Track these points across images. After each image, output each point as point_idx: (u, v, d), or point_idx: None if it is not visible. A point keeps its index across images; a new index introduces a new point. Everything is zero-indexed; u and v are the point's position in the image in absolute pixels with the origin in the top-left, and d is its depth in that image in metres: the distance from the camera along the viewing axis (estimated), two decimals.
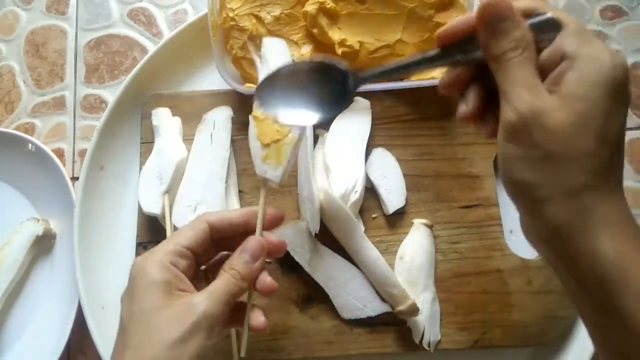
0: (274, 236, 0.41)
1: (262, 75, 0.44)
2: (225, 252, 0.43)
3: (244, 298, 0.40)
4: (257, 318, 0.40)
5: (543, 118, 0.29)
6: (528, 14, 0.31)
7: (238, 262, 0.39)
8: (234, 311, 0.40)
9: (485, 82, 0.33)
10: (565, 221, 0.29)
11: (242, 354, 0.40)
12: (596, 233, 0.28)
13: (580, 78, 0.29)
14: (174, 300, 0.36)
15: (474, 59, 0.33)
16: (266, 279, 0.40)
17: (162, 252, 0.38)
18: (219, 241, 0.41)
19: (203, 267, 0.43)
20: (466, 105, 0.34)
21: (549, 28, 0.31)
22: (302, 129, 0.43)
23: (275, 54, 0.44)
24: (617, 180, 0.30)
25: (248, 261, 0.39)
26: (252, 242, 0.40)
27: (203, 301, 0.36)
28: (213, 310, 0.36)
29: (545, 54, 0.31)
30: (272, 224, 0.42)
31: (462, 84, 0.34)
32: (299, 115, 0.36)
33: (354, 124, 0.54)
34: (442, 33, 0.33)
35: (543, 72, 0.30)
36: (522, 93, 0.29)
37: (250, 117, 0.44)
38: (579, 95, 0.28)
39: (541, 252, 0.33)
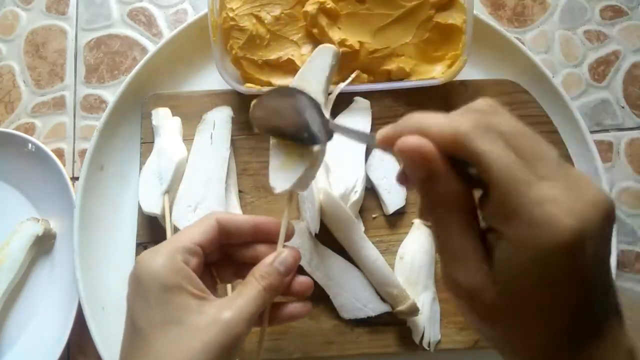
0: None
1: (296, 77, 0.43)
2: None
3: None
4: (297, 308, 0.39)
5: (479, 296, 0.25)
6: (444, 148, 0.25)
7: (272, 271, 0.35)
8: None
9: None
10: None
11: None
12: None
13: (508, 260, 0.24)
14: (197, 310, 0.33)
15: None
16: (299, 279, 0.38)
17: (172, 249, 0.34)
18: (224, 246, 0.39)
19: None
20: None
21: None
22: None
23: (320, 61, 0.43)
24: (593, 333, 0.24)
25: (282, 272, 0.36)
26: (287, 254, 0.36)
27: (233, 318, 0.33)
28: (243, 329, 0.33)
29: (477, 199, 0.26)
30: (285, 237, 0.39)
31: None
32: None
33: (354, 124, 0.54)
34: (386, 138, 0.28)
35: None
36: (456, 265, 0.25)
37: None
38: (507, 277, 0.24)
39: None
